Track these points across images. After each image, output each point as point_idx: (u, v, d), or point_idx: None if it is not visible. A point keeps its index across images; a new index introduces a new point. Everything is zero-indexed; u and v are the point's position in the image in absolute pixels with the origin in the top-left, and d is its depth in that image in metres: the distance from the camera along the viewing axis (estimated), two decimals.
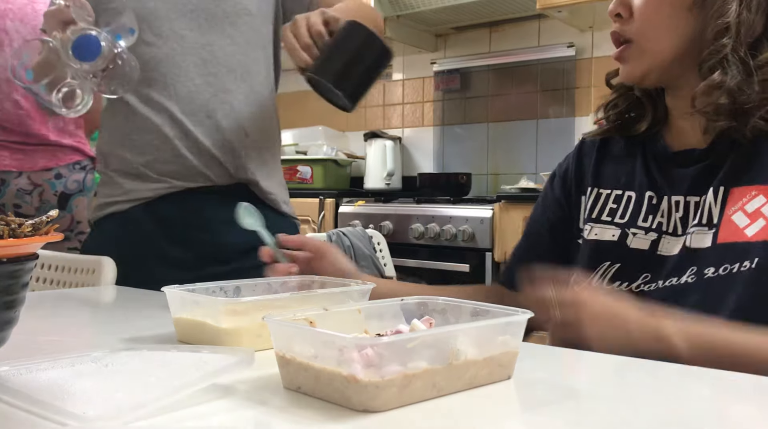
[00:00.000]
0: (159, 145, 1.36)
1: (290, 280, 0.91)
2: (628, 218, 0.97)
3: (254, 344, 0.71)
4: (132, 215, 1.39)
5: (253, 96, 1.41)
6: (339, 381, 0.55)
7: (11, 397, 0.55)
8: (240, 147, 1.38)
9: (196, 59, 1.36)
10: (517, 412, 0.59)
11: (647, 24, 0.91)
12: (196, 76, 1.36)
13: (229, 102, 1.38)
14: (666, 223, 0.93)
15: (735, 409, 0.60)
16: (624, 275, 0.94)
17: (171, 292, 0.79)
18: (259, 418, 0.54)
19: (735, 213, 0.86)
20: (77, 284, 1.44)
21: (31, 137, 2.22)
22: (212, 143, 1.36)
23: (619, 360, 0.74)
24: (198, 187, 1.38)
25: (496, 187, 3.24)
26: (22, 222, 0.65)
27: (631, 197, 0.98)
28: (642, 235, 0.94)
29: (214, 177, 1.38)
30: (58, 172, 2.25)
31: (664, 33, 0.90)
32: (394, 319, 0.71)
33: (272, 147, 1.48)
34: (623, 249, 0.95)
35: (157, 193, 1.37)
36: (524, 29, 3.26)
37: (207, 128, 1.36)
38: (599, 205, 1.01)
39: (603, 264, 0.96)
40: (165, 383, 0.57)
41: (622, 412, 0.56)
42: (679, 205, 0.92)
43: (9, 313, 0.67)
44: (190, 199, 1.38)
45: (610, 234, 0.97)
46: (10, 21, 2.17)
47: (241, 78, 1.39)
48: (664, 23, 0.90)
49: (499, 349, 0.63)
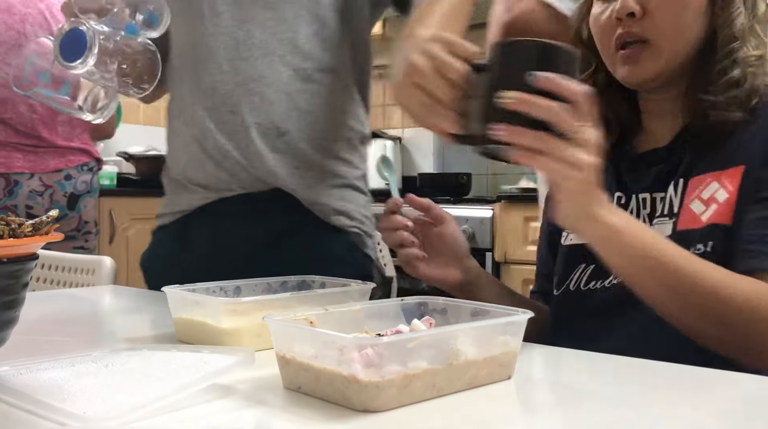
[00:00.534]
0: (185, 149, 1.20)
1: (290, 280, 0.91)
2: None
3: (254, 344, 0.71)
4: (168, 233, 1.23)
5: (300, 84, 1.15)
6: (339, 381, 0.55)
7: (11, 397, 0.55)
8: (269, 149, 1.14)
9: (228, 40, 1.14)
10: (517, 412, 0.59)
11: (668, 24, 0.89)
12: (224, 61, 1.14)
13: (260, 93, 1.13)
14: None
15: (735, 408, 0.60)
16: (598, 275, 0.95)
17: (171, 292, 0.79)
18: (259, 418, 0.54)
19: (693, 201, 0.88)
20: (77, 284, 1.45)
21: (43, 141, 2.26)
22: (235, 145, 1.14)
23: (619, 360, 0.74)
24: (233, 196, 1.16)
25: (496, 187, 3.24)
26: (22, 222, 0.65)
27: None
28: None
29: (247, 184, 1.15)
30: (67, 173, 2.29)
31: (682, 35, 0.90)
32: (394, 319, 0.71)
33: (326, 145, 1.17)
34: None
35: (192, 206, 1.19)
36: None
37: (229, 126, 1.14)
38: None
39: (579, 267, 0.97)
40: (165, 383, 0.57)
41: (622, 412, 0.56)
42: (646, 202, 0.94)
43: (9, 313, 0.67)
44: (223, 215, 1.17)
45: None
46: (29, 26, 2.20)
47: (281, 61, 1.13)
48: (685, 24, 0.90)
49: (499, 349, 0.63)
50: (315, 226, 1.15)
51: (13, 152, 2.21)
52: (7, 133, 2.20)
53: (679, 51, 0.90)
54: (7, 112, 2.18)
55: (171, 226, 1.22)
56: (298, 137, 1.14)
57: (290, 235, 1.15)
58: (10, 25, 2.18)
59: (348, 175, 1.20)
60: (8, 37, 2.17)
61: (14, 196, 2.20)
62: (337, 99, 1.18)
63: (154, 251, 1.25)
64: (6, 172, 2.19)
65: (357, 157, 1.22)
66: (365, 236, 1.21)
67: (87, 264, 1.46)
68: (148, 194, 3.04)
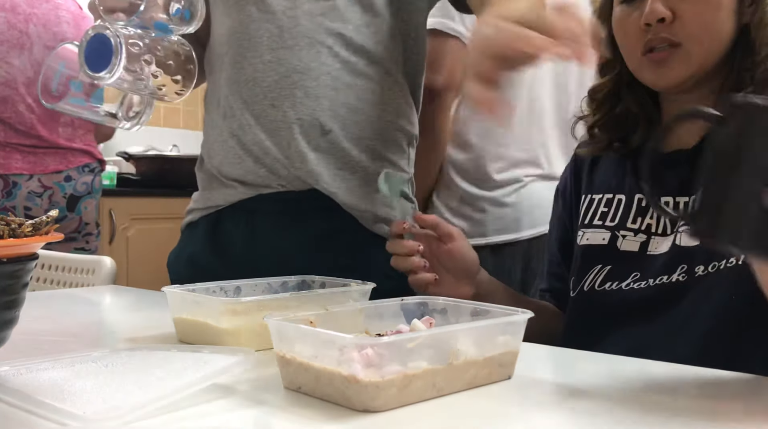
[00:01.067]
0: (222, 143, 1.12)
1: (290, 280, 0.91)
2: (618, 221, 0.97)
3: (254, 344, 0.71)
4: (199, 231, 1.16)
5: (348, 78, 1.07)
6: (339, 381, 0.55)
7: (11, 397, 0.55)
8: (311, 148, 1.06)
9: (272, 28, 1.06)
10: (517, 412, 0.59)
11: (699, 27, 0.88)
12: (267, 50, 1.06)
13: (304, 86, 1.06)
14: (655, 224, 0.93)
15: (735, 408, 0.60)
16: (615, 276, 0.94)
17: (171, 292, 0.79)
18: (259, 418, 0.54)
19: None
20: (77, 284, 1.45)
21: (42, 141, 2.26)
22: (275, 142, 1.07)
23: (619, 360, 0.74)
24: (272, 193, 1.09)
25: None
26: (22, 222, 0.65)
27: (621, 200, 0.98)
28: (631, 236, 0.95)
29: (287, 182, 1.08)
30: (67, 174, 2.29)
31: (714, 37, 0.89)
32: (394, 319, 0.71)
33: (373, 147, 1.10)
34: (614, 251, 0.95)
35: (227, 201, 1.12)
36: None
37: (270, 121, 1.07)
38: (591, 210, 1.02)
39: (594, 267, 0.97)
40: (165, 383, 0.57)
41: (621, 412, 0.56)
42: (669, 206, 0.91)
43: (9, 313, 0.67)
44: (259, 212, 1.11)
45: (601, 238, 0.98)
46: (33, 26, 2.20)
47: (329, 52, 1.06)
48: (717, 26, 0.89)
49: (499, 349, 0.63)
50: (356, 232, 1.09)
51: (12, 153, 2.21)
52: (6, 134, 2.20)
53: (711, 53, 0.89)
54: (6, 112, 2.18)
55: (201, 223, 1.16)
56: (342, 136, 1.07)
57: (329, 239, 1.09)
58: (13, 24, 2.18)
59: None
60: (10, 36, 2.17)
61: (13, 197, 2.20)
62: (388, 96, 1.10)
63: (183, 250, 1.18)
64: (4, 173, 2.19)
65: (405, 160, 1.15)
66: None
67: (87, 264, 1.46)
68: (148, 194, 3.04)
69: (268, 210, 1.10)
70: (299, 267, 0.97)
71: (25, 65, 2.19)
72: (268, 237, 1.10)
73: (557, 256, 1.09)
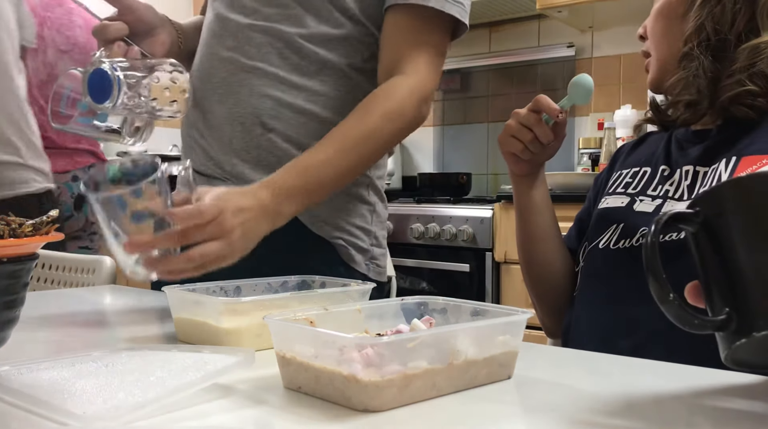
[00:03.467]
0: (186, 136, 1.17)
1: (290, 280, 0.91)
2: (639, 189, 1.02)
3: (254, 344, 0.72)
4: None
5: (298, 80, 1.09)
6: (339, 381, 0.55)
7: (11, 397, 0.55)
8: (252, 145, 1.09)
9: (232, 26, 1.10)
10: (517, 412, 0.59)
11: (653, 38, 1.05)
12: (223, 48, 1.11)
13: (249, 84, 1.08)
14: (674, 190, 0.98)
15: (734, 408, 0.60)
16: (627, 233, 0.98)
17: (171, 292, 0.79)
18: (259, 417, 0.54)
19: None
20: (77, 284, 1.45)
21: (51, 142, 2.27)
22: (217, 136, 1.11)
23: (619, 360, 0.74)
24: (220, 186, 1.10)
25: (496, 187, 3.24)
26: (23, 222, 0.66)
27: (646, 172, 1.03)
28: (648, 201, 0.99)
29: (229, 176, 1.10)
30: (74, 174, 2.32)
31: (664, 42, 1.03)
32: (394, 319, 0.71)
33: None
34: (628, 212, 1.00)
35: None
36: (524, 29, 3.25)
37: (216, 117, 1.10)
38: (617, 181, 1.07)
39: (610, 227, 1.00)
40: (165, 383, 0.57)
41: (621, 412, 0.56)
42: (688, 174, 0.97)
43: (9, 313, 0.67)
44: None
45: (620, 201, 1.02)
46: (47, 29, 2.22)
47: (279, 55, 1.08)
48: (663, 34, 1.03)
49: (499, 348, 0.63)
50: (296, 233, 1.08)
51: None
52: None
53: (666, 56, 1.02)
54: None
55: None
56: (283, 137, 1.08)
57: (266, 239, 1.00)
58: None
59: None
60: None
61: None
62: (345, 100, 1.10)
63: None
64: None
65: None
66: (353, 250, 1.13)
67: (87, 264, 1.46)
68: None
69: None
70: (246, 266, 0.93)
71: (39, 68, 2.21)
72: None
73: (573, 229, 1.15)
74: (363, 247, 1.15)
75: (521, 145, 1.02)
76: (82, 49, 2.32)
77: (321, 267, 1.00)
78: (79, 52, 2.31)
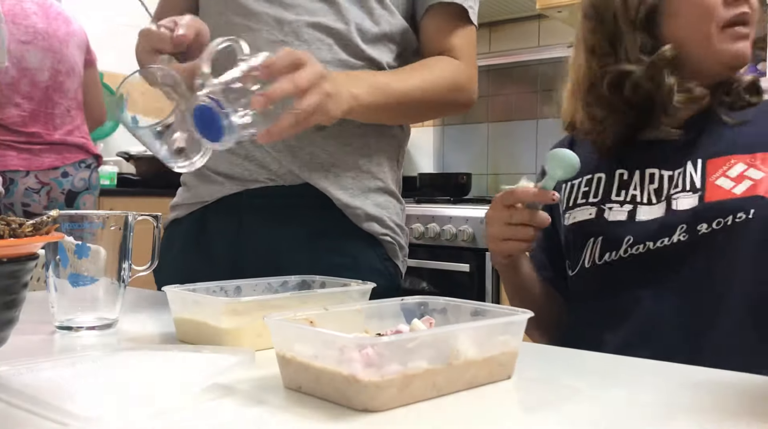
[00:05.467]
0: None
1: (290, 280, 0.91)
2: (601, 196, 1.00)
3: (254, 344, 0.71)
4: (183, 228, 1.14)
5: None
6: (339, 381, 0.55)
7: (11, 397, 0.55)
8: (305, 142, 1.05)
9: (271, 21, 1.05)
10: (517, 412, 0.59)
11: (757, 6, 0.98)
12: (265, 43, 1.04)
13: None
14: (640, 194, 0.97)
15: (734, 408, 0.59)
16: (609, 246, 0.96)
17: (171, 292, 0.79)
18: (259, 417, 0.54)
19: (717, 179, 0.92)
20: None
21: (37, 136, 2.26)
22: None
23: (619, 360, 0.74)
24: (259, 188, 1.07)
25: (496, 187, 3.24)
26: (23, 222, 0.66)
27: (601, 178, 1.02)
28: (618, 208, 0.98)
29: (276, 176, 1.06)
30: (64, 170, 2.30)
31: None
32: (394, 319, 0.71)
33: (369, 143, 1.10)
34: (602, 223, 0.98)
35: (213, 197, 1.10)
36: (524, 29, 3.26)
37: None
38: (573, 193, 1.04)
39: (587, 242, 0.99)
40: (165, 383, 0.57)
41: (621, 412, 0.56)
42: (654, 178, 0.97)
43: (9, 313, 0.67)
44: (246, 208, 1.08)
45: (587, 213, 1.00)
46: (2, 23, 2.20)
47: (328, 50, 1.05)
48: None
49: (499, 349, 0.63)
50: (346, 231, 1.07)
51: (7, 151, 2.22)
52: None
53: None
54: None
55: (186, 221, 1.14)
56: (336, 133, 1.06)
57: (319, 237, 1.07)
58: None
59: (386, 178, 1.13)
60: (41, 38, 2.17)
61: (10, 194, 2.21)
62: None
63: (167, 250, 1.13)
64: (0, 169, 2.19)
65: (396, 160, 1.16)
66: (397, 247, 1.14)
67: None
68: (148, 194, 3.04)
69: (255, 205, 1.08)
70: (286, 265, 0.95)
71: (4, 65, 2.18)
72: (255, 234, 1.08)
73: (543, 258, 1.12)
74: (402, 244, 1.16)
75: (524, 243, 0.95)
76: (44, 35, 2.28)
77: (375, 262, 1.05)
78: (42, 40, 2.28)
